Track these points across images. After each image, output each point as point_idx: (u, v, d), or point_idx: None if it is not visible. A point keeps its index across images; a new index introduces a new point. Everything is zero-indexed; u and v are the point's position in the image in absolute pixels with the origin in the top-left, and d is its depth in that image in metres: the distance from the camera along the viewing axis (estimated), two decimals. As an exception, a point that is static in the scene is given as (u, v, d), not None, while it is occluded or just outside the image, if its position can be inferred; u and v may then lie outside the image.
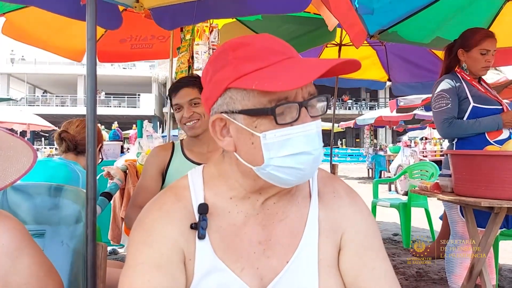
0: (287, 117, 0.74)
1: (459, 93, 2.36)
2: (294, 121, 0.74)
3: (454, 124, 2.33)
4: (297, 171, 0.75)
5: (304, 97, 0.76)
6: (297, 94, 0.75)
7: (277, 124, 0.74)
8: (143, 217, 0.84)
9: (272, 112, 0.73)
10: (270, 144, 0.74)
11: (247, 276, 0.80)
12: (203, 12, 2.65)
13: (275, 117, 0.73)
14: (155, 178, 1.81)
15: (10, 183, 0.88)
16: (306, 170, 0.76)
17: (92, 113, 1.29)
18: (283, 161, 0.74)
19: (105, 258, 1.27)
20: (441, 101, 2.38)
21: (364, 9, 2.48)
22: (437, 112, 2.41)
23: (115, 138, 6.23)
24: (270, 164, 0.75)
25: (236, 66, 0.76)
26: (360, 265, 0.83)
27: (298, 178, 0.77)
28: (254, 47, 0.77)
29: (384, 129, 26.89)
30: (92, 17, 1.31)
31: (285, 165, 0.74)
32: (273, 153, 0.74)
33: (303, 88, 0.76)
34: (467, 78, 2.40)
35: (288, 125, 0.74)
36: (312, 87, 0.78)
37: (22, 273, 0.88)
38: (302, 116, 0.74)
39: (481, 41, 2.33)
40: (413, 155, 9.82)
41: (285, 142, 0.74)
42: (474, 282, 2.09)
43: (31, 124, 11.50)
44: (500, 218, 1.93)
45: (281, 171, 0.75)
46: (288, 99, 0.74)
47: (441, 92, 2.39)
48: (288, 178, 0.76)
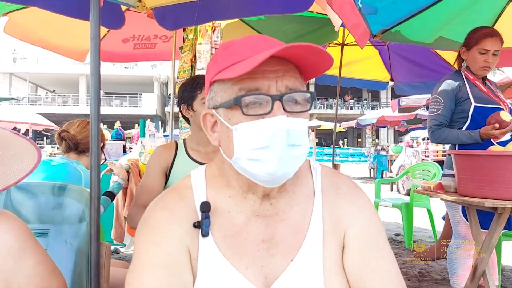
0: (260, 109, 0.75)
1: (459, 94, 2.35)
2: (266, 114, 0.74)
3: (435, 133, 2.40)
4: (264, 165, 0.74)
5: (280, 91, 0.75)
6: (270, 87, 0.75)
7: (246, 116, 0.74)
8: (147, 216, 0.84)
9: (238, 102, 0.75)
10: (240, 136, 0.75)
11: (251, 274, 0.80)
12: (205, 13, 2.65)
13: (241, 107, 0.74)
14: (158, 178, 1.80)
15: (14, 182, 0.89)
16: (271, 165, 0.74)
17: (96, 112, 1.29)
18: (251, 154, 0.74)
19: (108, 257, 1.27)
20: (433, 105, 2.42)
21: (368, 9, 2.47)
22: (429, 116, 2.47)
23: (118, 137, 6.23)
24: (240, 157, 0.76)
25: (219, 63, 0.80)
26: (363, 264, 0.83)
27: (267, 175, 0.75)
28: (236, 45, 0.80)
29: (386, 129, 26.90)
30: (95, 16, 1.31)
31: (252, 158, 0.74)
32: (243, 146, 0.75)
33: (278, 81, 0.75)
34: (470, 77, 2.39)
35: (259, 118, 0.74)
36: (293, 83, 0.77)
37: (25, 273, 0.88)
38: (275, 110, 0.74)
39: (480, 40, 2.31)
40: (415, 155, 9.80)
41: (254, 135, 0.74)
42: (477, 282, 2.09)
43: (33, 123, 11.51)
44: (504, 219, 1.93)
45: (250, 165, 0.75)
46: (260, 91, 0.75)
47: (436, 96, 2.41)
48: (258, 174, 0.76)
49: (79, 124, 2.17)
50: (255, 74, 0.75)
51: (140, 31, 3.83)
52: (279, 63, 0.76)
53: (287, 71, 0.77)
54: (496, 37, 2.32)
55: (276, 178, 0.77)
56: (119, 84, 32.64)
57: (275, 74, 0.76)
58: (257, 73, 0.75)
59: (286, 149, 0.73)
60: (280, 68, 0.76)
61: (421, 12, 2.91)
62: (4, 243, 0.86)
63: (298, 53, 0.75)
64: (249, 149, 0.74)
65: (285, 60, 0.77)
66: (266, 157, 0.74)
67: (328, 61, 0.77)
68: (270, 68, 0.75)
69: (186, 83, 1.86)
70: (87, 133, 2.09)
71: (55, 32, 3.44)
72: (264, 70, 0.75)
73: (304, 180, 0.89)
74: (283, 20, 3.62)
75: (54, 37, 3.53)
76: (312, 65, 0.80)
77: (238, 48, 0.79)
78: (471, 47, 2.35)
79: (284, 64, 0.77)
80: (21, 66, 32.31)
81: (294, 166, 0.77)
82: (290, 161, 0.75)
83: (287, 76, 0.77)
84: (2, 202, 1.29)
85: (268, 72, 0.75)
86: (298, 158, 0.76)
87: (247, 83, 0.75)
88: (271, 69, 0.76)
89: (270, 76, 0.76)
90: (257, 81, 0.75)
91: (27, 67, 31.95)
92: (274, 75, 0.76)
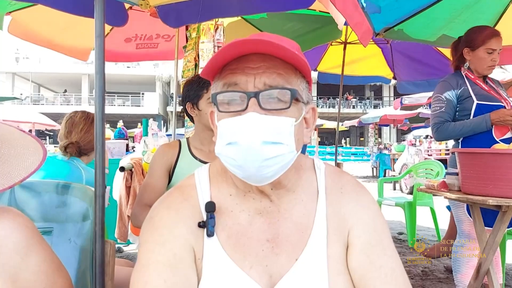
0: (238, 107, 0.75)
1: (460, 93, 2.35)
2: (242, 111, 0.75)
3: (440, 128, 2.38)
4: (233, 161, 0.75)
5: (258, 88, 0.75)
6: (248, 83, 0.75)
7: (221, 113, 0.76)
8: (153, 215, 0.84)
9: (214, 100, 0.77)
10: (220, 133, 0.76)
11: (256, 274, 0.80)
12: (209, 10, 2.65)
13: (216, 105, 0.77)
14: (162, 177, 1.80)
15: (19, 180, 0.89)
16: (240, 162, 0.74)
17: (101, 111, 1.29)
18: (225, 150, 0.75)
19: (113, 256, 1.27)
20: (436, 104, 2.42)
21: (372, 8, 2.46)
22: (431, 115, 2.46)
23: (121, 136, 6.23)
24: (219, 152, 0.77)
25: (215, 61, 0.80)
26: (367, 263, 0.82)
27: (240, 171, 0.76)
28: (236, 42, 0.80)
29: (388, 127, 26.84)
30: (100, 14, 1.31)
31: (226, 154, 0.76)
32: (221, 142, 0.76)
33: (257, 78, 0.75)
34: (471, 77, 2.39)
35: (236, 115, 0.75)
36: (274, 79, 0.76)
37: (31, 270, 0.89)
38: (249, 107, 0.74)
39: (487, 40, 2.32)
40: (418, 153, 9.78)
41: (228, 131, 0.75)
42: (481, 281, 2.08)
43: (36, 123, 11.54)
44: (508, 217, 1.92)
45: (226, 161, 0.77)
46: (238, 86, 0.76)
47: (437, 95, 2.42)
48: (232, 169, 0.77)
49: (83, 127, 2.10)
50: (236, 70, 0.76)
51: (142, 30, 3.83)
52: (265, 59, 0.76)
53: (269, 68, 0.76)
54: (500, 36, 2.35)
55: (250, 175, 0.76)
56: (121, 83, 32.67)
57: (255, 71, 0.76)
58: (238, 69, 0.76)
59: (254, 147, 0.72)
60: (263, 64, 0.76)
61: (424, 10, 2.90)
62: (10, 240, 0.86)
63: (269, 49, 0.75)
64: (223, 146, 0.76)
65: (273, 57, 0.77)
66: (234, 153, 0.74)
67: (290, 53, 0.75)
68: (251, 65, 0.76)
69: (192, 81, 1.85)
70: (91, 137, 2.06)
71: (58, 31, 3.44)
72: (245, 66, 0.76)
73: (308, 179, 0.89)
74: (285, 19, 3.62)
75: (56, 37, 3.53)
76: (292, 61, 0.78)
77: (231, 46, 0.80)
78: (477, 47, 2.35)
79: (270, 60, 0.76)
80: (24, 65, 32.38)
81: (269, 164, 0.74)
82: (260, 159, 0.73)
83: (268, 72, 0.76)
84: (6, 201, 1.29)
85: (248, 69, 0.76)
86: (275, 158, 0.74)
87: (228, 79, 0.77)
88: (253, 66, 0.76)
89: (249, 72, 0.76)
90: (236, 76, 0.76)
91: (29, 67, 32.01)
92: (253, 71, 0.76)
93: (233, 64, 0.77)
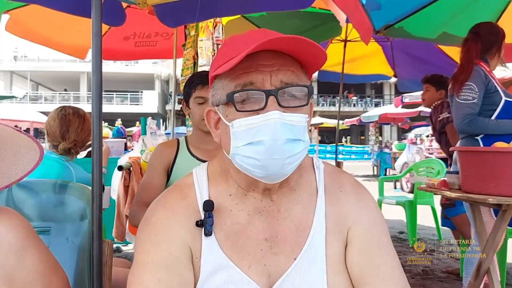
0: (255, 105, 0.74)
1: (489, 86, 2.30)
2: (261, 110, 0.73)
3: (474, 121, 2.26)
4: (255, 161, 0.74)
5: (275, 86, 0.75)
6: (265, 81, 0.74)
7: (239, 112, 0.75)
8: (149, 215, 0.84)
9: (231, 98, 0.75)
10: (236, 133, 0.75)
11: (254, 273, 0.80)
12: (207, 10, 2.64)
13: (234, 104, 0.75)
14: (160, 175, 1.79)
15: (16, 179, 0.88)
16: (264, 161, 0.73)
17: (98, 109, 1.28)
18: (245, 150, 0.74)
19: (111, 255, 1.27)
20: (468, 93, 2.29)
21: (372, 5, 2.45)
22: (461, 103, 2.31)
23: (119, 135, 6.23)
24: (236, 153, 0.76)
25: (218, 58, 0.80)
26: (366, 262, 0.82)
27: (261, 170, 0.75)
28: (237, 40, 0.80)
29: (389, 126, 26.84)
30: (97, 13, 1.30)
31: (247, 155, 0.74)
32: (238, 142, 0.75)
33: (272, 76, 0.75)
34: (487, 69, 2.37)
35: (254, 114, 0.74)
36: (289, 77, 0.76)
37: (27, 270, 0.88)
38: (269, 105, 0.73)
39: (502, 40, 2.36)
40: (419, 152, 9.77)
41: (248, 131, 0.74)
42: (481, 280, 2.07)
43: (34, 121, 11.53)
44: (508, 216, 1.92)
45: (244, 161, 0.75)
46: (254, 85, 0.74)
47: (471, 84, 2.30)
48: (252, 169, 0.75)
49: (78, 126, 2.05)
50: (250, 68, 0.74)
51: (141, 28, 3.82)
52: (275, 57, 0.75)
53: (283, 65, 0.76)
54: None
55: (272, 174, 0.76)
56: (120, 81, 32.63)
57: (269, 68, 0.75)
58: (251, 67, 0.74)
59: (279, 144, 0.72)
60: (275, 62, 0.75)
61: (424, 7, 2.89)
62: (6, 240, 0.86)
63: (291, 46, 0.74)
64: (243, 145, 0.74)
65: (282, 54, 0.76)
66: (259, 153, 0.73)
67: (320, 53, 0.76)
68: (265, 62, 0.75)
69: (187, 80, 1.87)
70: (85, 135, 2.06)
71: (56, 29, 3.43)
72: (259, 64, 0.74)
73: (307, 178, 0.89)
74: (285, 16, 3.60)
75: (54, 35, 3.52)
76: (309, 59, 0.79)
77: (237, 42, 0.79)
78: (500, 43, 2.38)
79: (280, 58, 0.76)
80: (22, 64, 32.34)
81: (291, 162, 0.75)
82: (285, 156, 0.74)
83: (283, 70, 0.75)
84: (3, 200, 1.29)
85: (263, 66, 0.75)
86: (296, 154, 0.75)
87: (242, 78, 0.75)
88: (266, 63, 0.75)
89: (265, 70, 0.75)
90: (251, 76, 0.75)
91: (27, 65, 31.99)
92: (268, 69, 0.75)
93: (243, 62, 0.74)
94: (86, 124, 2.07)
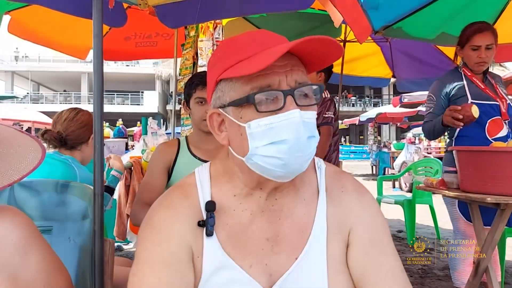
0: (272, 105, 0.75)
1: (454, 92, 2.35)
2: (279, 110, 0.74)
3: (424, 129, 2.45)
4: (278, 160, 0.74)
5: (290, 86, 0.76)
6: (281, 82, 0.75)
7: (259, 113, 0.74)
8: (151, 215, 0.84)
9: (252, 100, 0.74)
10: (254, 133, 0.75)
11: (256, 273, 0.80)
12: (207, 11, 2.64)
13: (255, 105, 0.74)
14: (161, 175, 1.80)
15: (18, 178, 0.89)
16: (287, 160, 0.74)
17: (99, 109, 1.29)
18: (266, 150, 0.74)
19: (112, 254, 1.28)
20: (428, 103, 2.46)
21: (369, 4, 2.46)
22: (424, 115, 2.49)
23: (120, 135, 6.22)
24: (255, 153, 0.76)
25: (223, 61, 0.79)
26: (367, 261, 0.83)
27: (283, 169, 0.76)
28: (240, 42, 0.80)
29: (388, 126, 26.83)
30: (98, 14, 1.31)
31: (268, 154, 0.75)
32: (257, 142, 0.75)
33: (288, 76, 0.76)
34: (468, 74, 2.38)
35: (272, 114, 0.74)
36: (301, 76, 0.77)
37: (31, 269, 0.89)
38: (287, 105, 0.74)
39: (470, 37, 2.30)
40: (417, 151, 9.77)
41: (268, 131, 0.74)
42: (480, 279, 2.08)
43: (36, 121, 11.52)
44: (506, 215, 1.92)
45: (265, 161, 0.75)
46: (271, 87, 0.75)
47: (430, 94, 2.45)
48: (272, 169, 0.76)
49: (66, 118, 2.01)
50: (265, 70, 0.74)
51: (141, 29, 3.83)
52: (286, 57, 0.76)
53: (294, 65, 0.77)
54: (487, 31, 2.29)
55: (291, 172, 0.77)
56: (120, 82, 32.58)
57: (284, 69, 0.76)
58: (266, 69, 0.74)
59: (302, 141, 0.74)
60: (287, 62, 0.76)
61: (423, 8, 2.90)
62: (10, 238, 0.86)
63: (309, 46, 0.75)
64: (264, 145, 0.74)
65: (290, 54, 0.77)
66: (281, 152, 0.74)
67: (338, 52, 0.78)
68: (278, 63, 0.75)
69: (188, 81, 1.87)
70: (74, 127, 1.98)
71: (57, 30, 3.44)
72: (273, 65, 0.74)
73: (309, 178, 0.89)
74: (285, 17, 3.61)
75: (55, 35, 3.53)
76: (318, 57, 0.80)
77: (242, 45, 0.79)
78: (464, 45, 2.35)
79: (290, 58, 0.77)
80: (23, 64, 32.32)
81: (309, 158, 0.78)
82: (306, 153, 0.76)
83: (295, 70, 0.77)
84: (5, 199, 1.30)
85: (277, 67, 0.75)
86: (313, 151, 0.77)
87: (259, 81, 0.75)
88: (280, 64, 0.75)
89: (280, 71, 0.75)
90: (268, 78, 0.75)
91: (29, 66, 31.96)
92: (283, 70, 0.76)
93: None
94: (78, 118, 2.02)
